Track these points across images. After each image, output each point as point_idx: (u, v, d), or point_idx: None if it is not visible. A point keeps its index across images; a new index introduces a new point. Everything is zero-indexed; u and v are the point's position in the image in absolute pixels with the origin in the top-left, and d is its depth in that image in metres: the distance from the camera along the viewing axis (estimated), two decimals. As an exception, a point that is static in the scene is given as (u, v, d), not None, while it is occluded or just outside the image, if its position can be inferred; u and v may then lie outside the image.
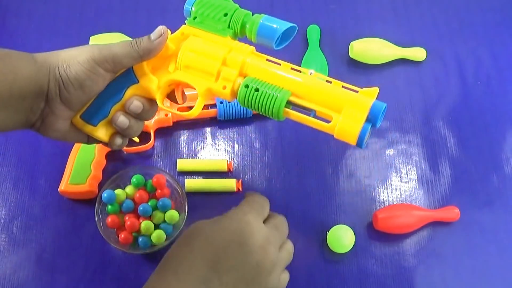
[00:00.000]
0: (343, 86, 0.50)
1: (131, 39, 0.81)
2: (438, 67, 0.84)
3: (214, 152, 0.76)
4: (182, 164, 0.74)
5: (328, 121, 0.49)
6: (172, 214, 0.68)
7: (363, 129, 0.47)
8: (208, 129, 0.78)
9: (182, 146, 0.76)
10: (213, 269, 0.49)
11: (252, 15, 0.54)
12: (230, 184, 0.73)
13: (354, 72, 0.83)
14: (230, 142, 0.77)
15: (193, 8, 0.55)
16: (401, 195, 0.75)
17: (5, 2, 0.88)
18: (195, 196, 0.72)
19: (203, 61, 0.52)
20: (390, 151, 0.78)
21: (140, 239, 0.67)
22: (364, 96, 0.49)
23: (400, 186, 0.75)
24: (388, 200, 0.74)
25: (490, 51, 0.86)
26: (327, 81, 0.51)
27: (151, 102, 0.56)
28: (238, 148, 0.77)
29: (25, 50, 0.83)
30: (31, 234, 0.70)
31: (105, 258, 0.68)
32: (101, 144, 0.59)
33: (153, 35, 0.53)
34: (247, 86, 0.50)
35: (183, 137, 0.77)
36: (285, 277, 0.56)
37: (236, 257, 0.50)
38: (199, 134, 0.77)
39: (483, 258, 0.71)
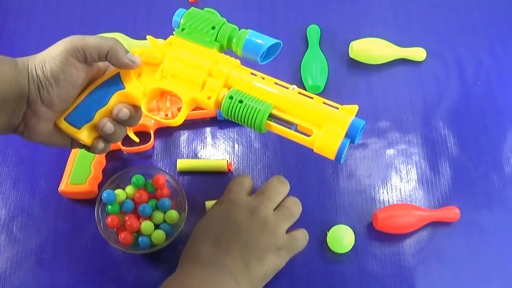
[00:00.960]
0: (324, 103, 0.52)
1: (131, 38, 0.82)
2: (438, 67, 0.84)
3: (214, 152, 0.76)
4: (182, 164, 0.74)
5: (308, 135, 0.51)
6: (172, 214, 0.68)
7: (341, 144, 0.49)
8: (208, 129, 0.78)
9: (182, 146, 0.77)
10: (217, 247, 0.60)
11: (239, 29, 0.56)
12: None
13: (354, 72, 0.83)
14: (230, 142, 0.77)
15: (181, 20, 0.56)
16: (401, 195, 0.75)
17: (5, 2, 0.88)
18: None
19: (189, 71, 0.53)
20: (390, 151, 0.78)
21: (140, 239, 0.67)
22: (344, 112, 0.50)
23: (400, 186, 0.75)
24: (388, 200, 0.74)
25: (490, 51, 0.86)
26: (308, 96, 0.53)
27: (137, 109, 0.57)
28: (238, 148, 0.77)
29: (25, 50, 0.83)
30: (31, 234, 0.70)
31: (105, 258, 0.68)
32: (83, 149, 0.59)
33: (129, 55, 0.54)
34: (231, 98, 0.51)
35: (183, 137, 0.77)
36: (299, 234, 0.65)
37: (230, 230, 0.61)
38: (199, 134, 0.77)
39: (483, 258, 0.71)
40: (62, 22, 0.86)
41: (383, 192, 0.74)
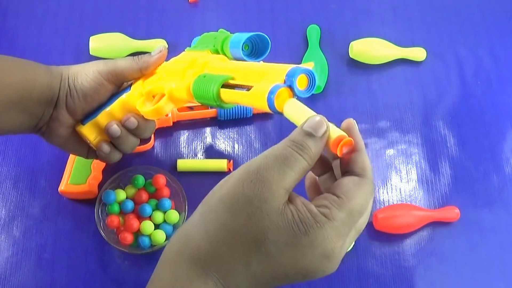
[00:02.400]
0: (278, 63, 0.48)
1: (131, 38, 0.82)
2: (438, 67, 0.84)
3: (214, 152, 0.76)
4: (182, 164, 0.74)
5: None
6: (172, 214, 0.68)
7: (272, 88, 0.40)
8: (208, 129, 0.78)
9: (182, 146, 0.76)
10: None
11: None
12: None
13: (354, 72, 0.83)
14: (230, 142, 0.77)
15: (196, 42, 0.60)
16: (401, 195, 0.75)
17: (5, 2, 0.87)
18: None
19: (174, 67, 0.55)
20: (390, 151, 0.78)
21: (140, 239, 0.67)
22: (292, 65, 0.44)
23: (400, 186, 0.75)
24: (388, 200, 0.74)
25: (490, 51, 0.86)
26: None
27: (147, 121, 0.59)
28: (238, 148, 0.77)
29: (25, 50, 0.83)
30: (31, 234, 0.70)
31: (105, 258, 0.68)
32: (97, 160, 0.63)
33: (153, 52, 0.58)
34: (198, 76, 0.52)
35: (183, 137, 0.77)
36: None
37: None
38: (199, 134, 0.77)
39: (483, 258, 0.71)
40: (62, 22, 0.85)
41: (383, 192, 0.74)
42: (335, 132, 0.38)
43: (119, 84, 0.59)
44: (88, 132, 0.59)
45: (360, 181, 0.37)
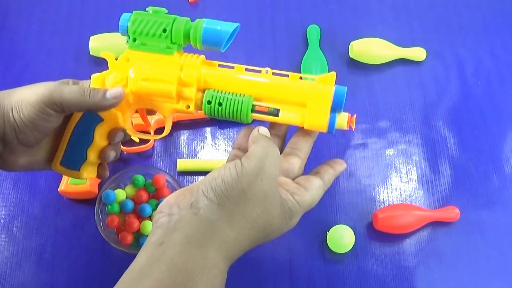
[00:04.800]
0: (300, 77, 0.50)
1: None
2: (438, 67, 0.84)
3: (214, 152, 0.76)
4: (182, 164, 0.74)
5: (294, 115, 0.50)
6: (172, 214, 0.68)
7: (331, 118, 0.49)
8: (208, 129, 0.78)
9: (182, 146, 0.76)
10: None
11: (192, 21, 0.52)
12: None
13: (354, 72, 0.83)
14: (230, 142, 0.77)
15: (129, 27, 0.51)
16: (401, 195, 0.75)
17: (5, 2, 0.88)
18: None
19: (159, 88, 0.50)
20: (390, 151, 0.78)
21: (140, 239, 0.67)
22: (324, 84, 0.49)
23: (400, 186, 0.75)
24: (388, 200, 0.74)
25: (490, 51, 0.86)
26: (284, 75, 0.51)
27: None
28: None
29: (25, 50, 0.83)
30: (31, 234, 0.70)
31: (105, 258, 0.68)
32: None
33: (108, 94, 0.50)
34: (209, 102, 0.50)
35: (183, 137, 0.77)
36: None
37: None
38: (199, 134, 0.77)
39: (483, 258, 0.71)
40: (62, 22, 0.86)
41: (383, 192, 0.74)
42: (345, 115, 0.50)
43: (69, 113, 0.52)
44: (86, 173, 0.56)
45: (321, 184, 0.50)
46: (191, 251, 0.42)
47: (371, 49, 0.82)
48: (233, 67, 0.52)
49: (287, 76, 0.51)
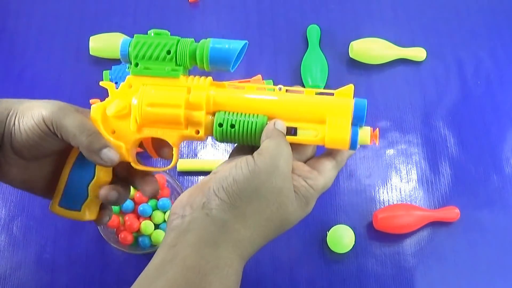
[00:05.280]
0: (316, 93, 0.48)
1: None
2: (438, 67, 0.84)
3: (214, 152, 0.76)
4: (182, 164, 0.74)
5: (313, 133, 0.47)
6: (172, 214, 0.68)
7: (353, 134, 0.46)
8: (208, 129, 0.78)
9: (182, 146, 0.76)
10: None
11: (195, 41, 0.50)
12: None
13: (354, 72, 0.83)
14: (230, 142, 0.77)
15: (131, 52, 0.49)
16: (401, 195, 0.75)
17: (5, 3, 0.88)
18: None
19: (166, 113, 0.47)
20: (390, 151, 0.78)
21: (140, 239, 0.67)
22: (342, 98, 0.47)
23: (400, 186, 0.75)
24: (388, 200, 0.74)
25: (490, 51, 0.86)
26: (298, 91, 0.49)
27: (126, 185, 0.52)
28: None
29: (25, 50, 0.83)
30: (31, 234, 0.70)
31: (105, 258, 0.68)
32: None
33: (104, 153, 0.47)
34: (221, 125, 0.47)
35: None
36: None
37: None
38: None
39: (483, 258, 0.71)
40: (62, 22, 0.86)
41: (383, 192, 0.74)
42: (367, 129, 0.48)
43: (66, 141, 0.48)
44: (88, 214, 0.51)
45: (335, 165, 0.48)
46: (204, 251, 0.42)
47: (371, 49, 0.82)
48: (243, 87, 0.49)
49: (302, 92, 0.48)
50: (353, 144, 0.46)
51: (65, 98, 0.80)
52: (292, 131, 0.47)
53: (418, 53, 0.83)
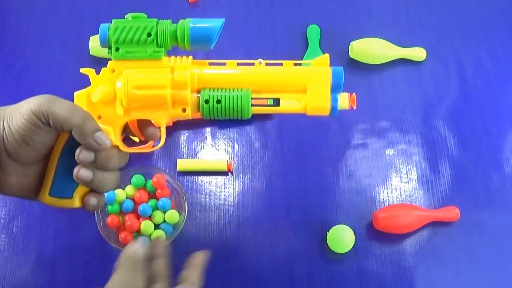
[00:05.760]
0: (295, 64, 0.50)
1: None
2: (438, 67, 0.84)
3: (214, 152, 0.76)
4: (182, 164, 0.74)
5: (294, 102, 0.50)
6: (172, 214, 0.68)
7: (332, 100, 0.49)
8: (208, 129, 0.78)
9: (182, 146, 0.77)
10: None
11: (173, 22, 0.50)
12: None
13: (354, 72, 0.83)
14: (230, 142, 0.77)
15: (110, 37, 0.49)
16: (401, 195, 0.75)
17: (5, 3, 0.88)
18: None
19: (152, 94, 0.48)
20: (390, 151, 0.78)
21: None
22: (320, 67, 0.50)
23: (400, 186, 0.75)
24: (388, 200, 0.74)
25: (490, 51, 0.86)
26: (278, 64, 0.51)
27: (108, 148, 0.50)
28: (238, 148, 0.77)
29: (25, 50, 0.83)
30: (31, 234, 0.70)
31: (105, 258, 0.68)
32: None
33: (98, 136, 0.47)
34: (207, 102, 0.48)
35: (183, 137, 0.77)
36: None
37: None
38: (199, 134, 0.77)
39: (483, 258, 0.71)
40: (62, 22, 0.86)
41: (383, 192, 0.74)
42: (345, 95, 0.50)
43: (60, 129, 0.47)
44: (79, 201, 0.50)
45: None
46: None
47: (371, 49, 0.82)
48: (224, 64, 0.51)
49: (281, 64, 0.50)
50: (333, 109, 0.49)
51: (65, 98, 0.80)
52: (274, 102, 0.49)
53: (418, 53, 0.83)
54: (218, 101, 0.48)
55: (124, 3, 0.87)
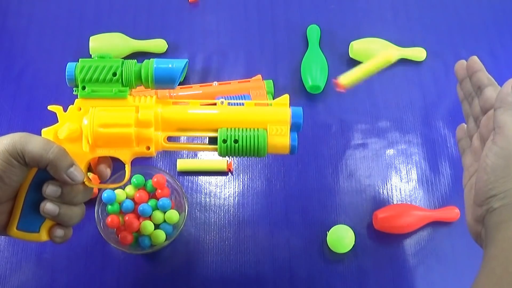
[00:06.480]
0: (255, 104, 0.52)
1: (131, 38, 0.82)
2: (438, 67, 0.84)
3: (214, 152, 0.76)
4: (182, 164, 0.74)
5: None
6: (172, 214, 0.68)
7: (292, 140, 0.50)
8: (208, 129, 0.78)
9: (182, 146, 0.76)
10: None
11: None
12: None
13: (354, 72, 0.83)
14: (230, 142, 0.77)
15: (77, 76, 0.50)
16: (401, 195, 0.75)
17: (5, 2, 0.88)
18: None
19: (117, 132, 0.50)
20: (390, 151, 0.78)
21: (140, 239, 0.67)
22: (280, 107, 0.51)
23: (400, 186, 0.75)
24: (388, 200, 0.74)
25: (490, 51, 0.86)
26: (239, 104, 0.52)
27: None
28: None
29: (25, 50, 0.83)
30: (31, 234, 0.70)
31: (105, 258, 0.68)
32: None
33: (71, 171, 0.48)
34: (225, 141, 0.50)
35: (183, 137, 0.77)
36: None
37: None
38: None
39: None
40: (62, 22, 0.86)
41: (383, 192, 0.74)
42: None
43: (34, 166, 0.48)
44: (45, 235, 0.51)
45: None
46: None
47: (371, 49, 0.82)
48: (187, 103, 0.52)
49: (242, 104, 0.52)
50: (292, 149, 0.50)
51: (65, 98, 0.80)
52: (234, 140, 0.50)
53: (418, 53, 0.83)
54: (236, 141, 0.50)
55: (124, 3, 0.87)
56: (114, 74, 0.50)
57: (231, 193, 0.74)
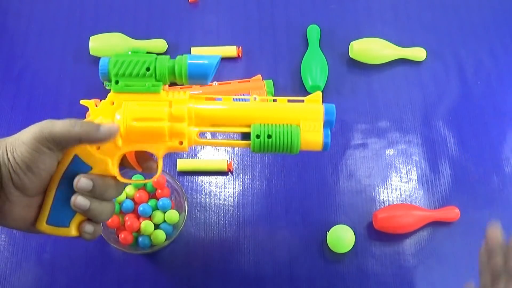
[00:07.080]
0: (288, 100, 0.52)
1: (131, 38, 0.82)
2: (438, 67, 0.84)
3: (214, 152, 0.76)
4: (182, 164, 0.74)
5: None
6: (172, 214, 0.68)
7: (325, 136, 0.50)
8: (208, 129, 0.78)
9: (182, 146, 0.76)
10: None
11: (171, 58, 0.52)
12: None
13: (354, 72, 0.83)
14: (230, 142, 0.77)
15: (110, 70, 0.50)
16: (401, 195, 0.75)
17: (5, 2, 0.88)
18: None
19: (151, 127, 0.49)
20: (390, 151, 0.78)
21: (140, 239, 0.67)
22: (312, 104, 0.51)
23: (400, 186, 0.75)
24: (388, 200, 0.74)
25: (490, 51, 0.86)
26: (273, 100, 0.52)
27: (106, 178, 0.50)
28: (238, 148, 0.77)
29: (25, 50, 0.83)
30: (31, 234, 0.69)
31: (105, 258, 0.68)
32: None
33: (103, 127, 0.48)
34: (258, 136, 0.50)
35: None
36: None
37: None
38: (199, 134, 0.77)
39: (483, 258, 0.71)
40: (62, 22, 0.86)
41: (383, 192, 0.74)
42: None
43: (63, 150, 0.49)
44: (75, 230, 0.51)
45: None
46: None
47: (371, 49, 0.82)
48: (220, 99, 0.52)
49: (275, 101, 0.52)
50: (325, 146, 0.50)
51: (65, 98, 0.81)
52: (267, 136, 0.50)
53: (418, 53, 0.83)
54: (269, 136, 0.50)
55: (124, 3, 0.87)
56: (148, 69, 0.50)
57: (231, 193, 0.74)
